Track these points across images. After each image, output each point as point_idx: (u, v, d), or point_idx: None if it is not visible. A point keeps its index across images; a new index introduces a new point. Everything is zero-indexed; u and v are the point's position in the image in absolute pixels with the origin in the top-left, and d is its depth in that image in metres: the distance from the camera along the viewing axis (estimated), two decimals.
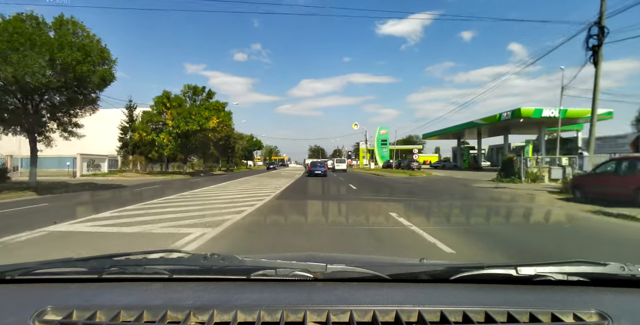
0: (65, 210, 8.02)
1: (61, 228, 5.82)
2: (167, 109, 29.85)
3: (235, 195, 11.49)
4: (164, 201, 9.62)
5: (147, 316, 0.80)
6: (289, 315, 0.80)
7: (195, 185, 16.67)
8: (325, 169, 29.33)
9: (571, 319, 0.80)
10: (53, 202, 10.05)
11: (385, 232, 5.45)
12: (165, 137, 29.19)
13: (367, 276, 0.97)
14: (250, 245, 4.84)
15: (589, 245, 4.93)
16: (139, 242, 4.88)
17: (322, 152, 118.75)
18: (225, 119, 31.24)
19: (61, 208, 8.70)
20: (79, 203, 9.72)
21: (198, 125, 28.94)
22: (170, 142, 29.29)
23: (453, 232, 5.40)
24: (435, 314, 0.81)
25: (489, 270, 0.98)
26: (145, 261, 1.02)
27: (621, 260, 1.01)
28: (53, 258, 1.15)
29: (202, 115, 29.63)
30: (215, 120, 29.93)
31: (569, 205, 9.08)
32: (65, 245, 4.79)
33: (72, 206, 8.80)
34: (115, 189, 15.46)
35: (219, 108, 31.32)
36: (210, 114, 29.84)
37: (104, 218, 6.74)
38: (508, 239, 5.06)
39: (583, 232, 5.80)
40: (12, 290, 0.97)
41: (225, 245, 4.78)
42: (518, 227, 6.11)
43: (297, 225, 6.06)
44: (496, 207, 8.82)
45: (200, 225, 5.94)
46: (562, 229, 6.14)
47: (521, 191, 13.08)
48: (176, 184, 19.24)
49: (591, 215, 7.44)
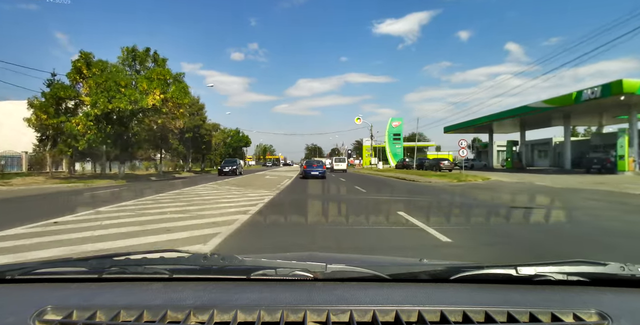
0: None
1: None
2: (84, 79, 19.50)
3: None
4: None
5: (147, 316, 0.80)
6: (289, 315, 0.79)
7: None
8: (324, 169, 22.91)
9: (571, 319, 0.80)
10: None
11: None
12: (80, 121, 18.84)
13: (367, 276, 0.96)
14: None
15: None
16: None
17: (319, 151, 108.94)
18: (177, 95, 20.09)
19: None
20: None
21: (129, 102, 18.64)
22: (89, 129, 18.95)
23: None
24: (435, 313, 0.81)
25: (489, 270, 0.97)
26: (145, 261, 1.01)
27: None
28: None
29: (139, 86, 19.40)
30: (157, 96, 19.29)
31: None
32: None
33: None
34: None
35: (166, 78, 20.26)
36: (150, 86, 19.39)
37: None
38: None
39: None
40: (12, 290, 0.97)
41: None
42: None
43: None
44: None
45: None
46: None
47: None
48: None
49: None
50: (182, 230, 5.40)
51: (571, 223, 6.28)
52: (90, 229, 5.42)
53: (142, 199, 9.68)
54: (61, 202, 10.35)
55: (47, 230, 5.37)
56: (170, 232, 5.32)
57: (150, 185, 17.01)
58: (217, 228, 5.55)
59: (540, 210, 7.72)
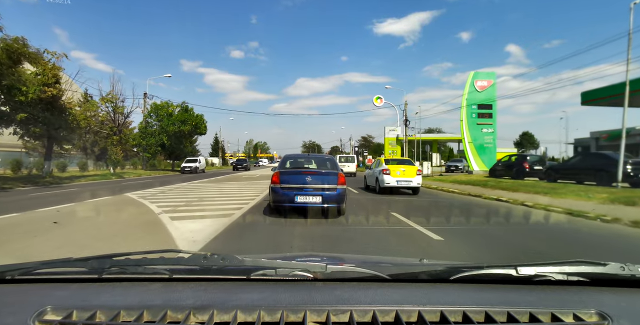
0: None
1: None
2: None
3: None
4: None
5: (147, 316, 0.79)
6: (289, 315, 0.79)
7: None
8: (341, 184, 6.57)
9: (571, 319, 0.80)
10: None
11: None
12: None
13: (367, 276, 0.96)
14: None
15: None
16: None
17: (318, 148, 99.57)
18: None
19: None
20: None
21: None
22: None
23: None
24: (435, 314, 0.80)
25: (489, 270, 0.97)
26: (145, 261, 1.00)
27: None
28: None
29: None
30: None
31: None
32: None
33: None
34: None
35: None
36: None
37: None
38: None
39: None
40: (12, 290, 0.96)
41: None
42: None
43: None
44: None
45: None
46: None
47: None
48: None
49: None
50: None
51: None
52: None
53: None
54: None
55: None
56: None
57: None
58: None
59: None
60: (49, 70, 17.58)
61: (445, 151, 61.00)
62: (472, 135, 25.85)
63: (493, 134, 26.07)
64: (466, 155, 26.47)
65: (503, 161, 20.01)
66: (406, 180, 11.72)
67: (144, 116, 32.69)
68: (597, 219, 6.78)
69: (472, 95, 26.02)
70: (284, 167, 7.35)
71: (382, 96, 40.09)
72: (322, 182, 6.47)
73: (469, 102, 26.00)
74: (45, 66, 17.39)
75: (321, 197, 6.39)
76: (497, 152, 26.05)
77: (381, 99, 39.31)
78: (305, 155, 8.88)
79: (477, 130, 25.92)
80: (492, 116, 26.15)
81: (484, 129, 25.96)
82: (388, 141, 40.62)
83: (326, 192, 6.43)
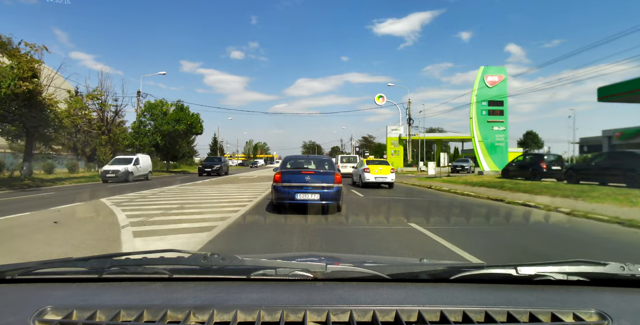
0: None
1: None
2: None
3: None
4: None
5: (147, 316, 0.79)
6: (289, 315, 0.79)
7: None
8: (337, 183, 7.03)
9: (571, 319, 0.79)
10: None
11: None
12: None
13: (367, 276, 0.95)
14: None
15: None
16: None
17: (318, 149, 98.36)
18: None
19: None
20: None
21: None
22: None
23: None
24: (435, 313, 0.80)
25: (489, 270, 0.97)
26: (145, 261, 0.99)
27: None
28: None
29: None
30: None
31: None
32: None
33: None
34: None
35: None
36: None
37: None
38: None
39: None
40: (12, 290, 0.95)
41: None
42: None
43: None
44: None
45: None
46: None
47: None
48: None
49: None
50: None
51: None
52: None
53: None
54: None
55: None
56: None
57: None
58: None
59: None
60: (24, 63, 16.22)
61: (448, 151, 59.86)
62: (483, 134, 24.21)
63: (504, 132, 24.48)
64: (476, 154, 24.76)
65: (517, 161, 18.73)
66: (382, 177, 14.19)
67: (137, 115, 31.29)
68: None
69: (482, 91, 24.43)
70: (285, 168, 7.88)
71: (384, 95, 39.10)
72: (320, 181, 7.02)
73: (478, 98, 24.31)
74: (20, 58, 16.02)
75: (319, 195, 6.95)
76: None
77: (383, 98, 38.31)
78: (304, 157, 9.33)
79: (488, 128, 24.32)
80: (504, 113, 24.57)
81: (495, 126, 24.42)
82: (390, 141, 39.19)
83: (324, 190, 6.98)
